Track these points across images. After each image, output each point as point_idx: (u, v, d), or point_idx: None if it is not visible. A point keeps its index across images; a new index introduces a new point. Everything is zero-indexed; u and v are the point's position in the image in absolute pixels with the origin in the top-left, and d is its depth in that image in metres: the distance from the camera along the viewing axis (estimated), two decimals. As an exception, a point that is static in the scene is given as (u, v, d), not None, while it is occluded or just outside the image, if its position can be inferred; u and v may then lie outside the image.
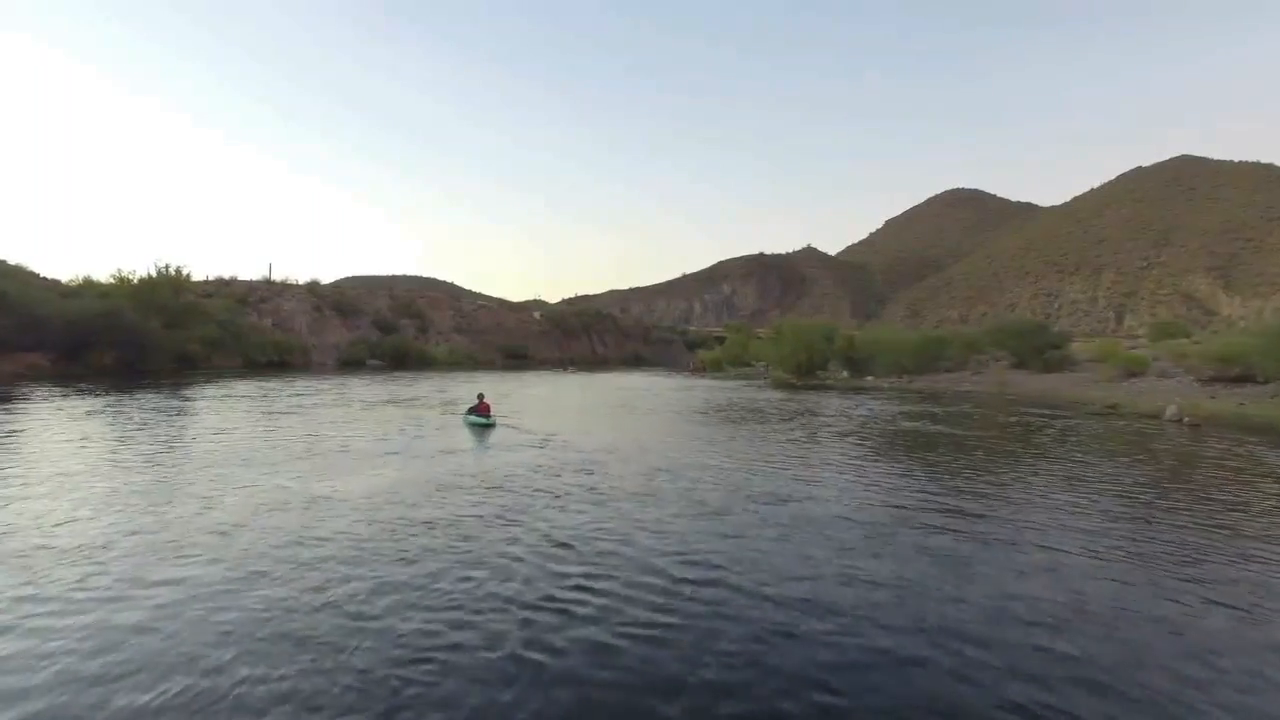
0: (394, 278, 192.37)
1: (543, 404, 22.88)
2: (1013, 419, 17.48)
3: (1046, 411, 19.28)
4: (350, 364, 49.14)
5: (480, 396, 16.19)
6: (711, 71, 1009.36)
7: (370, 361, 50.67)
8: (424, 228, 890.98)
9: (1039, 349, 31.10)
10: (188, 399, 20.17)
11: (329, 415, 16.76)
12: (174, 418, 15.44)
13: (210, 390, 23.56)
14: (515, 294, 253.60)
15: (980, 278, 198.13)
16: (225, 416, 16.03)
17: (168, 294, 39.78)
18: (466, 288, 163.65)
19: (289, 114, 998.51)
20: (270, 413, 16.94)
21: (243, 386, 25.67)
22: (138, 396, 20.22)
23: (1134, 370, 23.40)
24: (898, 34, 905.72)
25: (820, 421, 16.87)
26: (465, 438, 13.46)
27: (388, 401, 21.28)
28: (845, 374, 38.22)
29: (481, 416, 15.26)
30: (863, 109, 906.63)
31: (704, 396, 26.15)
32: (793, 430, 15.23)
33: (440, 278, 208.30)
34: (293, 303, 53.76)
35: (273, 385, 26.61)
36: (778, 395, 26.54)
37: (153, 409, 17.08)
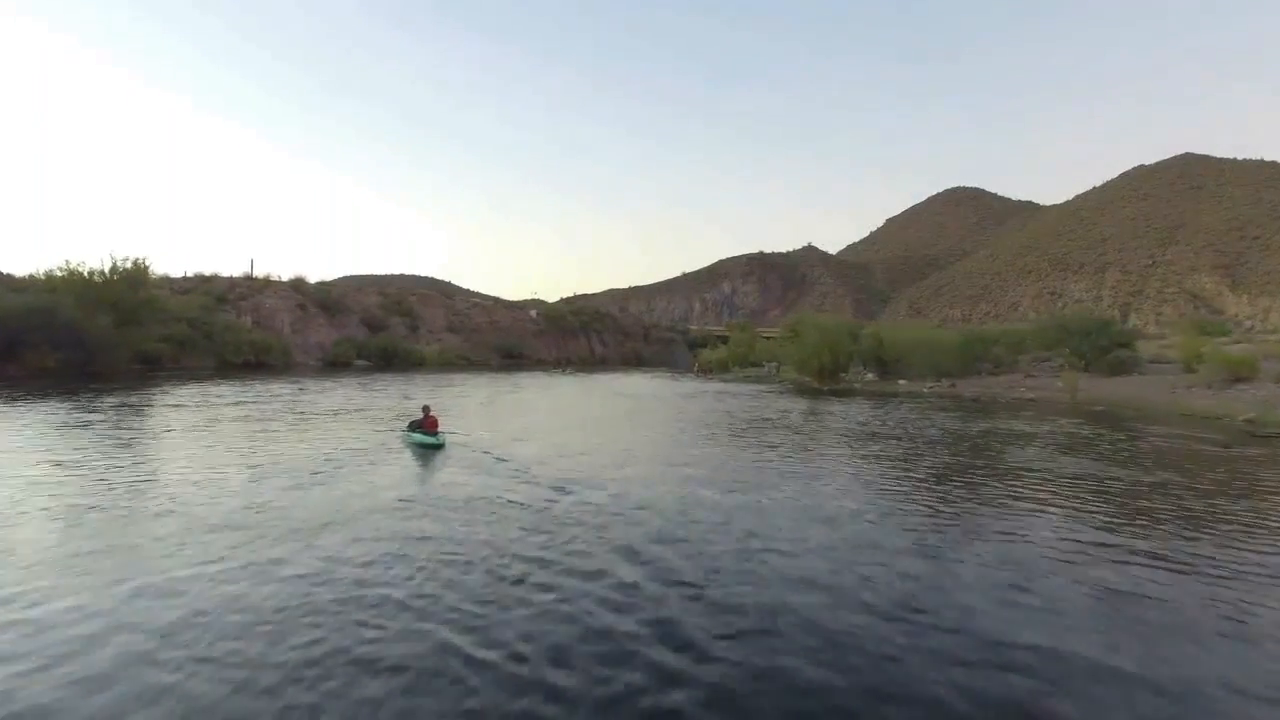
0: (391, 277, 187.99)
1: (528, 414, 19.06)
2: (1153, 443, 13.33)
3: (1177, 431, 14.82)
4: (336, 364, 45.72)
5: (425, 409, 12.65)
6: (710, 70, 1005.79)
7: (357, 362, 47.47)
8: (422, 227, 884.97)
9: (1103, 348, 27.32)
10: (93, 410, 16.07)
11: (244, 434, 12.91)
12: (32, 440, 11.51)
13: (143, 398, 19.67)
14: (513, 293, 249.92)
15: (982, 276, 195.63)
16: (102, 439, 12.02)
17: (122, 288, 35.82)
18: (463, 286, 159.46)
19: (288, 114, 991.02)
20: (170, 431, 13.08)
21: (186, 392, 21.87)
22: (39, 406, 16.43)
23: (1240, 374, 19.70)
24: (898, 31, 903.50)
25: (890, 449, 12.93)
26: (398, 470, 9.76)
27: (337, 411, 17.47)
28: (870, 376, 34.67)
29: (427, 434, 11.83)
30: (862, 106, 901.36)
31: (718, 405, 22.32)
32: (861, 465, 11.29)
33: (439, 277, 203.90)
34: (275, 300, 50.24)
35: (224, 391, 22.84)
36: (804, 404, 22.80)
37: (21, 425, 13.22)
